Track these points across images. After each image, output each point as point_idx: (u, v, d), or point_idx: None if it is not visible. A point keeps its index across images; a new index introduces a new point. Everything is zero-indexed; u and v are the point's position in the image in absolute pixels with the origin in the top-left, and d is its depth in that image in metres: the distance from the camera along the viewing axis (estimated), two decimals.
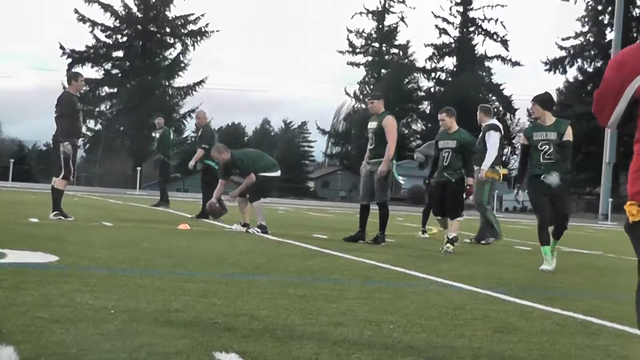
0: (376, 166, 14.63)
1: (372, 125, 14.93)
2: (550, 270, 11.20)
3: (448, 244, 13.71)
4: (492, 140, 16.57)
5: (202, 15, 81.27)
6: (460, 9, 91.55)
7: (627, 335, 6.29)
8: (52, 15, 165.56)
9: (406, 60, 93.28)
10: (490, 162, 16.40)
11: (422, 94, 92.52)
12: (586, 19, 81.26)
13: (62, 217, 15.68)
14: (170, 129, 27.44)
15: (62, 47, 77.86)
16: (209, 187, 18.84)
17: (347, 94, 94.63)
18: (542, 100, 11.69)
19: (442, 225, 14.44)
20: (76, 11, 77.97)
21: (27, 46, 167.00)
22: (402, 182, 15.10)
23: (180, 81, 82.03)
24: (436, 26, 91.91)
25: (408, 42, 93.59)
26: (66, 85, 17.08)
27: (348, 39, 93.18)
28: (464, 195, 14.13)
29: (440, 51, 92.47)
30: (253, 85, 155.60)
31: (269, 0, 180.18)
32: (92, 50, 79.57)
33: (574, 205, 70.50)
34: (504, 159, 71.41)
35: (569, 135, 11.55)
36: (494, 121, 17.26)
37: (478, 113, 17.35)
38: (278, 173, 16.28)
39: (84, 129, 54.29)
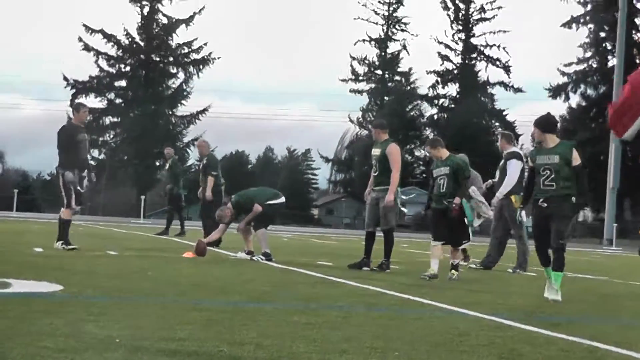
0: (381, 193, 14.64)
1: (375, 152, 14.96)
2: (548, 297, 10.78)
3: (453, 270, 13.64)
4: (513, 168, 16.31)
5: (205, 44, 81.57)
6: (463, 35, 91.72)
7: None
8: (56, 46, 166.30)
9: (409, 87, 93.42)
10: (506, 189, 16.18)
11: (425, 120, 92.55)
12: (588, 46, 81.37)
13: (65, 246, 15.66)
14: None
15: (65, 78, 78.17)
16: (209, 215, 19.30)
17: (350, 121, 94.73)
18: (542, 123, 11.21)
19: (433, 253, 13.91)
20: (80, 39, 78.28)
21: (31, 77, 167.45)
22: (404, 210, 15.02)
23: (183, 110, 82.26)
24: (438, 53, 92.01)
25: (410, 69, 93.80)
26: (72, 116, 17.21)
27: (351, 66, 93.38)
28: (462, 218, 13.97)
29: (443, 78, 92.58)
30: (256, 113, 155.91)
31: (272, 28, 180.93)
32: (95, 80, 79.86)
33: (578, 229, 70.39)
34: None
35: (576, 159, 10.95)
36: (516, 149, 17.02)
37: (499, 140, 17.23)
38: (282, 200, 16.36)
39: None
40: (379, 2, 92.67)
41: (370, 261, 14.77)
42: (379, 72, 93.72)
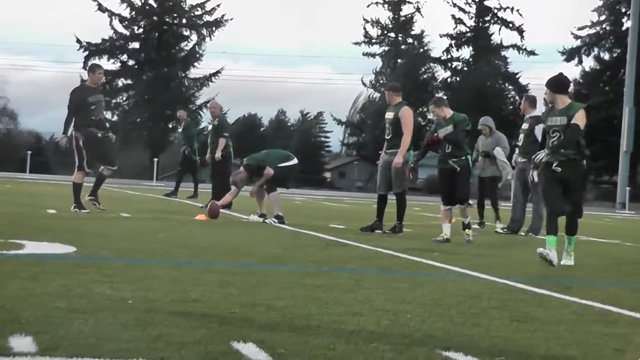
0: (393, 156, 14.61)
1: (388, 115, 14.92)
2: (552, 259, 10.24)
3: (467, 231, 13.51)
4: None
5: (218, 5, 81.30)
6: None
7: None
8: (70, 7, 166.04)
9: (422, 50, 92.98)
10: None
11: (438, 84, 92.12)
12: (603, 9, 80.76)
13: (78, 209, 15.62)
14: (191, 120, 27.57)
15: (78, 41, 78.04)
16: (220, 176, 19.55)
17: (363, 84, 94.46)
18: (552, 83, 10.81)
19: (444, 217, 13.83)
20: None
21: (45, 38, 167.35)
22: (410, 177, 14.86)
23: (196, 72, 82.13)
24: (452, 16, 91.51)
25: (422, 31, 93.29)
26: (85, 78, 17.17)
27: (364, 29, 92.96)
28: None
29: (457, 41, 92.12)
30: (269, 76, 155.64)
31: None
32: (108, 43, 79.74)
33: (591, 194, 70.24)
34: None
35: (577, 119, 10.44)
36: (539, 113, 16.81)
37: (522, 102, 17.16)
38: (295, 162, 16.33)
39: None
40: None
41: (382, 224, 14.78)
42: (392, 34, 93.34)
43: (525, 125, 16.64)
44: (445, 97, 14.28)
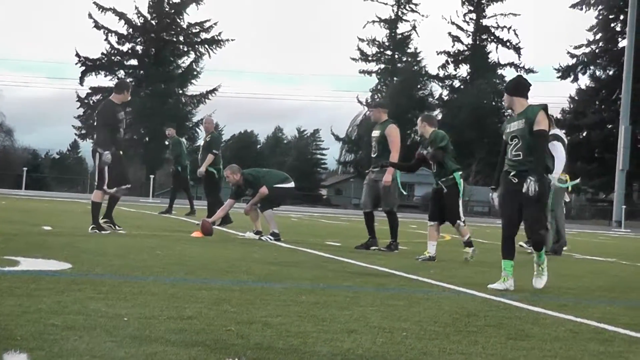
0: (380, 174, 14.63)
1: (375, 133, 14.95)
2: (502, 290, 9.33)
3: (466, 248, 13.45)
4: (559, 151, 16.02)
5: (215, 23, 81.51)
6: (474, 16, 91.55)
7: None
8: (66, 25, 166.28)
9: (418, 67, 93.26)
10: (560, 171, 15.90)
11: (435, 101, 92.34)
12: (597, 27, 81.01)
13: (97, 231, 15.03)
14: (182, 138, 27.55)
15: (77, 55, 78.20)
16: (213, 193, 19.63)
17: (359, 102, 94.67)
18: (510, 86, 9.86)
19: (430, 234, 13.68)
20: (90, 16, 78.25)
21: (40, 55, 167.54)
22: (403, 192, 14.89)
23: (193, 89, 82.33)
24: (449, 34, 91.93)
25: (416, 49, 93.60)
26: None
27: (359, 48, 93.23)
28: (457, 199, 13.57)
29: (454, 59, 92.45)
30: (266, 94, 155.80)
31: (282, 9, 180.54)
32: (105, 59, 79.90)
33: (586, 212, 70.24)
34: None
35: (539, 124, 9.43)
36: (557, 131, 16.68)
37: None
38: (291, 185, 16.33)
39: None
40: None
41: (376, 239, 14.79)
42: (389, 53, 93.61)
43: None
44: (433, 115, 14.19)
